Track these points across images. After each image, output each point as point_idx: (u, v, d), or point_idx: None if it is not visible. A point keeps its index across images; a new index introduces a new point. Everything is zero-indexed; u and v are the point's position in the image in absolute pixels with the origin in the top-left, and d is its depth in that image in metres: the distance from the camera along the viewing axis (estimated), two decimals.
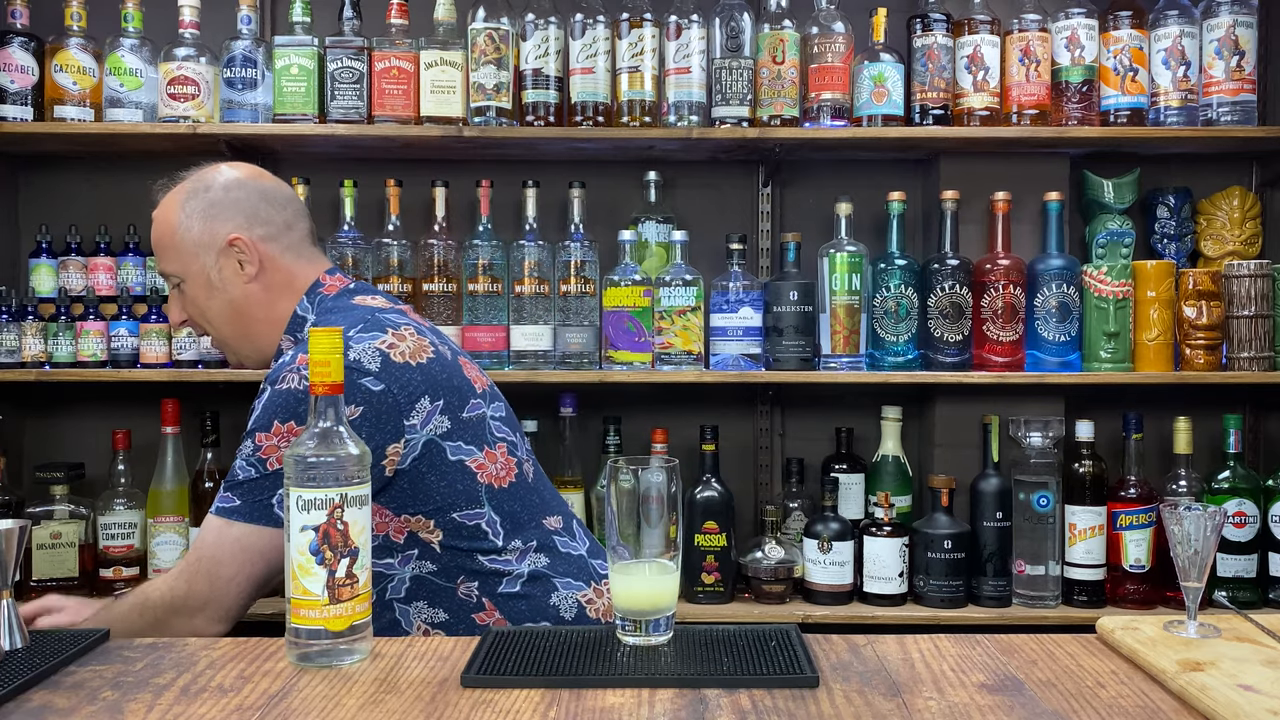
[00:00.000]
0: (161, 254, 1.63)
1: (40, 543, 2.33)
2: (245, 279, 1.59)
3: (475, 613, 1.52)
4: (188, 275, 1.61)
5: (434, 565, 1.50)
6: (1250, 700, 1.00)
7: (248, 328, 1.62)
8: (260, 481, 1.43)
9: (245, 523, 1.43)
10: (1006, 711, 1.03)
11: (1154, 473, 2.48)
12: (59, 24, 2.40)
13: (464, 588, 1.51)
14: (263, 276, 1.59)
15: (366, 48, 2.37)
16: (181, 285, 1.62)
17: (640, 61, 2.37)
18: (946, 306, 2.39)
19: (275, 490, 1.42)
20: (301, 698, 1.06)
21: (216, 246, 1.59)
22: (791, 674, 1.10)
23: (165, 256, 1.63)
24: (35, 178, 2.65)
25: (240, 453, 1.46)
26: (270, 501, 1.42)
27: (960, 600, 2.36)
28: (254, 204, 1.61)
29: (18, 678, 1.08)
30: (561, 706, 1.04)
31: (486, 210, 2.44)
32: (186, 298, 1.63)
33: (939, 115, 2.42)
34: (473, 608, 1.52)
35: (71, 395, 2.62)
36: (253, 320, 1.61)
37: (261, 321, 1.61)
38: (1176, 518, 1.24)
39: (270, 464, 1.43)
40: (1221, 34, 2.40)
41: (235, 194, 1.61)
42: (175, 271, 1.62)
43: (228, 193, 1.61)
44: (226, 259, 1.59)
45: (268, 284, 1.60)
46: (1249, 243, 2.56)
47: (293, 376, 1.44)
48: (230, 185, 1.62)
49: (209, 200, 1.60)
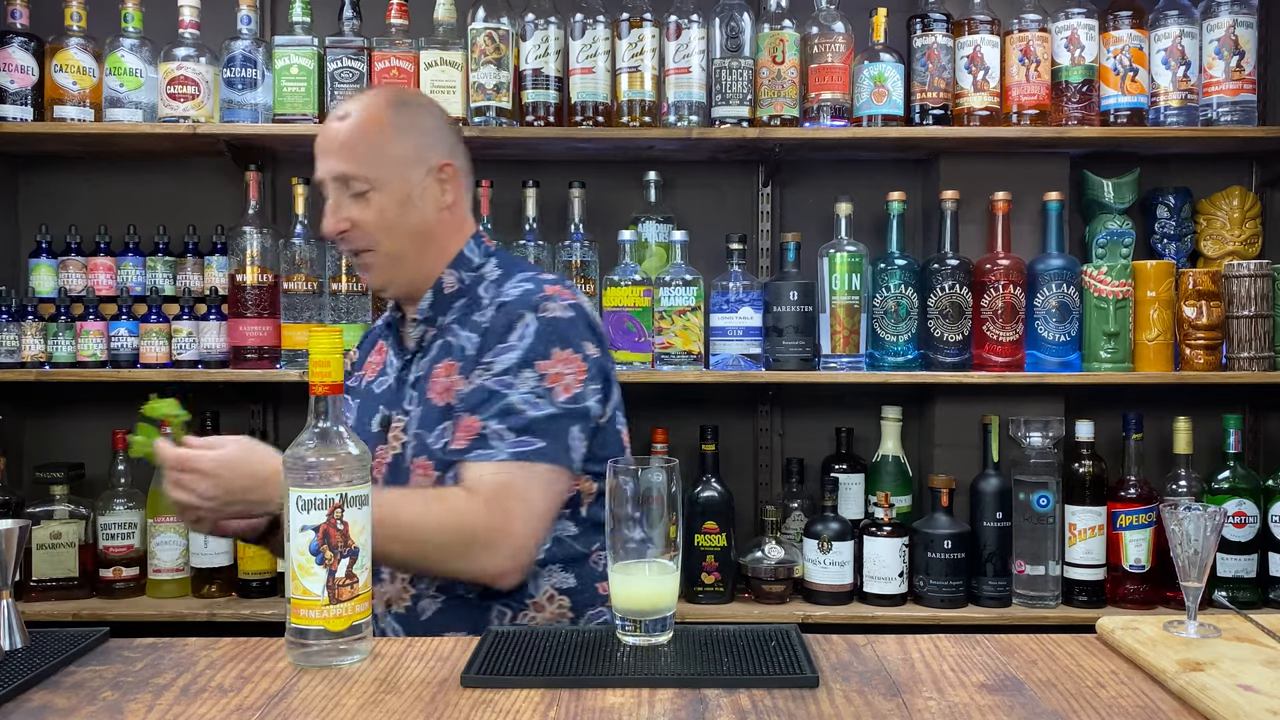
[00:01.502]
0: (351, 154, 1.52)
1: (40, 543, 2.33)
2: (440, 206, 1.57)
3: (599, 582, 1.55)
4: (382, 184, 1.52)
5: (575, 529, 1.53)
6: (1250, 700, 1.00)
7: (423, 252, 1.57)
8: (558, 419, 1.44)
9: (548, 464, 1.43)
10: (1006, 711, 1.03)
11: (1154, 473, 2.48)
12: (59, 24, 2.40)
13: (595, 555, 1.54)
14: (453, 209, 1.59)
15: (366, 48, 2.37)
16: (366, 193, 1.52)
17: (640, 61, 2.37)
18: (946, 306, 2.39)
19: (570, 427, 1.45)
20: (301, 698, 1.06)
21: (427, 165, 1.55)
22: (791, 674, 1.10)
23: (357, 158, 1.52)
24: (35, 178, 2.65)
25: (514, 386, 1.44)
26: (569, 443, 1.44)
27: (960, 600, 2.36)
28: (457, 138, 1.62)
29: (18, 678, 1.08)
30: (561, 706, 1.04)
31: (486, 210, 2.44)
32: (369, 205, 1.52)
33: (939, 115, 2.42)
34: (598, 576, 1.55)
35: (71, 395, 2.62)
36: (430, 247, 1.57)
37: (436, 251, 1.58)
38: (1176, 518, 1.24)
39: (558, 394, 1.45)
40: (1221, 34, 2.40)
41: (444, 122, 1.61)
42: (366, 176, 1.52)
43: (439, 119, 1.61)
44: (432, 181, 1.56)
45: (452, 217, 1.59)
46: (1249, 243, 2.56)
47: (553, 305, 1.49)
48: (439, 113, 1.63)
49: (425, 119, 1.58)
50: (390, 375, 1.61)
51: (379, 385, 1.62)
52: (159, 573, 2.38)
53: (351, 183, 1.52)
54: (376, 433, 1.57)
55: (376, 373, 1.64)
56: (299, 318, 2.38)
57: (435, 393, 1.51)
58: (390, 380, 1.60)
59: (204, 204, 2.62)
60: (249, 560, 2.37)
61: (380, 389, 1.61)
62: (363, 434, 1.57)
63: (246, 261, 2.39)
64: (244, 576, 2.38)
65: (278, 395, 2.65)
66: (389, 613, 1.53)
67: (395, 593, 1.52)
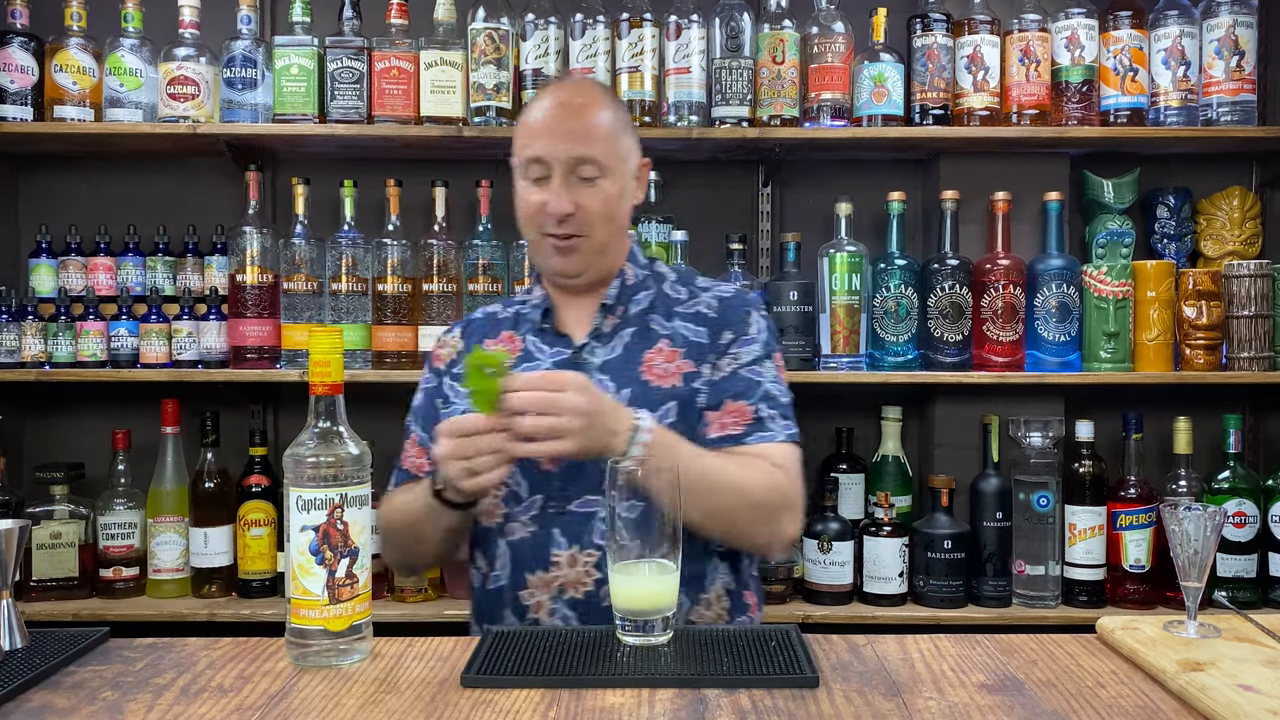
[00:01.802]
0: (589, 139, 1.55)
1: (40, 543, 2.33)
2: (634, 200, 1.64)
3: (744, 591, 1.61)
4: (612, 171, 1.57)
5: None
6: (1250, 700, 1.00)
7: (619, 244, 1.64)
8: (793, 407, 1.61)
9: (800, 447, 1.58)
10: (1006, 711, 1.03)
11: (1154, 473, 2.48)
12: (59, 24, 2.40)
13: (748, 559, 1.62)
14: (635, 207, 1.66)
15: (366, 48, 2.37)
16: (596, 179, 1.55)
17: (640, 61, 2.37)
18: (946, 306, 2.39)
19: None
20: (301, 698, 1.06)
21: (637, 161, 1.63)
22: (791, 674, 1.10)
23: (594, 143, 1.55)
24: (35, 178, 2.65)
25: (763, 376, 1.58)
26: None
27: (960, 600, 2.36)
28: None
29: (18, 678, 1.08)
30: (561, 706, 1.04)
31: (486, 210, 2.44)
32: (597, 192, 1.55)
33: (939, 115, 2.42)
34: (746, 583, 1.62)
35: (71, 395, 2.62)
36: (622, 239, 1.64)
37: (621, 244, 1.64)
38: (1176, 518, 1.24)
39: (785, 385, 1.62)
40: (1221, 34, 2.40)
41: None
42: (602, 161, 1.55)
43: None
44: (637, 176, 1.64)
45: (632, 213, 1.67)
46: (1249, 243, 2.56)
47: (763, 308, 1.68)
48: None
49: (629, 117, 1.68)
50: (545, 361, 1.60)
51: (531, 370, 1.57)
52: (159, 573, 2.38)
53: (584, 167, 1.55)
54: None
55: (516, 358, 1.62)
56: (299, 318, 2.38)
57: (654, 375, 1.56)
58: (547, 365, 1.59)
59: (204, 204, 2.62)
60: (249, 560, 2.37)
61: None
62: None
63: (246, 261, 2.39)
64: (244, 576, 2.38)
65: (278, 395, 2.65)
66: (560, 599, 1.49)
67: (573, 578, 1.49)
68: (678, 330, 1.61)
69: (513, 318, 1.69)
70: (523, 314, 1.68)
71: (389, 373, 2.36)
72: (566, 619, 1.48)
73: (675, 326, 1.61)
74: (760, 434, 1.54)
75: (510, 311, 1.71)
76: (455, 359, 1.67)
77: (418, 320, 2.39)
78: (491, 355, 1.35)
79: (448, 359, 1.69)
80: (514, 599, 1.51)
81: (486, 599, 1.57)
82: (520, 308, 1.70)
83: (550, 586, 1.49)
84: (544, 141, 1.54)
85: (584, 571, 1.48)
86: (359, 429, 1.22)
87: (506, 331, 1.67)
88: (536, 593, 1.50)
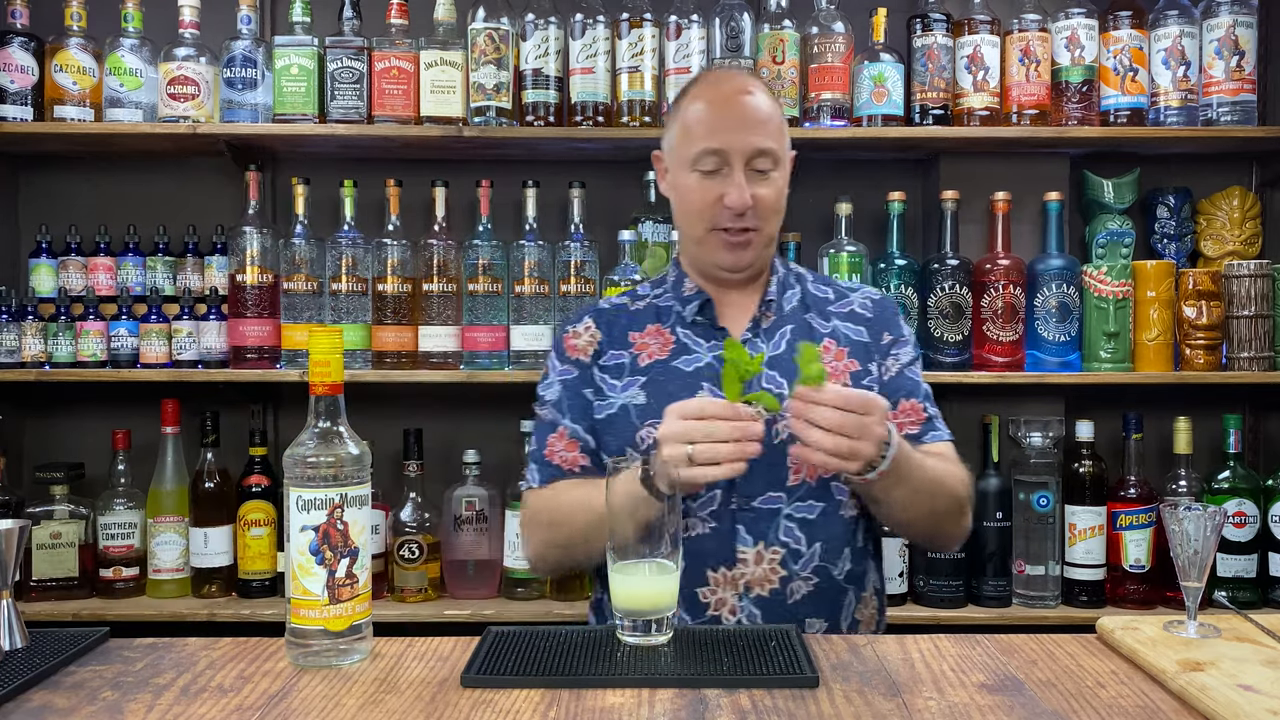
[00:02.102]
0: (766, 129, 1.54)
1: (40, 543, 2.33)
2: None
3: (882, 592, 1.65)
4: (781, 163, 1.57)
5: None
6: (1250, 700, 1.00)
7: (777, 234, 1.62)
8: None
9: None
10: (1006, 711, 1.03)
11: (1154, 473, 2.48)
12: (59, 24, 2.40)
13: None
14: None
15: (366, 48, 2.37)
16: (769, 172, 1.55)
17: (640, 61, 2.37)
18: (946, 306, 2.39)
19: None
20: (301, 698, 1.06)
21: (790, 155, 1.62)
22: (791, 674, 1.10)
23: (771, 134, 1.55)
24: (35, 178, 2.65)
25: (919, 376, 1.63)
26: None
27: (960, 600, 2.36)
28: None
29: (18, 678, 1.08)
30: (561, 706, 1.04)
31: (486, 210, 2.44)
32: (771, 184, 1.55)
33: (939, 115, 2.42)
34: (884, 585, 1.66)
35: (71, 395, 2.62)
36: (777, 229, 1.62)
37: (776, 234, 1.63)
38: (1176, 518, 1.24)
39: None
40: (1221, 34, 2.40)
41: None
42: (777, 153, 1.55)
43: None
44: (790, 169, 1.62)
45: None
46: (1249, 243, 2.56)
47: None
48: None
49: None
50: (703, 354, 1.58)
51: (687, 364, 1.58)
52: (159, 573, 2.38)
53: (760, 159, 1.53)
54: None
55: (670, 352, 1.60)
56: (299, 318, 2.38)
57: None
58: (705, 360, 1.57)
59: (204, 204, 2.62)
60: (249, 560, 2.37)
61: (691, 368, 1.58)
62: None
63: (246, 261, 2.39)
64: (244, 576, 2.38)
65: (278, 395, 2.65)
66: (746, 597, 1.49)
67: (759, 575, 1.48)
68: (838, 329, 1.62)
69: (651, 310, 1.65)
70: (663, 307, 1.64)
71: (389, 373, 2.36)
72: (753, 617, 1.48)
73: (834, 325, 1.62)
74: (933, 433, 1.60)
75: (643, 304, 1.67)
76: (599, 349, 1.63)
77: (417, 320, 2.39)
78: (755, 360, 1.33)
79: (588, 350, 1.63)
80: (690, 595, 1.49)
81: None
82: (655, 300, 1.66)
83: (737, 584, 1.48)
84: (724, 133, 1.52)
85: (770, 569, 1.48)
86: (359, 429, 1.22)
87: (652, 325, 1.63)
88: (720, 590, 1.48)
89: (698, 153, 1.53)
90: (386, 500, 2.42)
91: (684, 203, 1.58)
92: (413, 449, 2.41)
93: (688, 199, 1.56)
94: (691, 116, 1.56)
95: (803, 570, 1.50)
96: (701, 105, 1.56)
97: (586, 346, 1.64)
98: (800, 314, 1.63)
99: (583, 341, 1.64)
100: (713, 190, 1.53)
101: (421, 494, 2.40)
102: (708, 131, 1.53)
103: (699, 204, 1.54)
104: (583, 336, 1.65)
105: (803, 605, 1.49)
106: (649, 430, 1.52)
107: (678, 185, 1.59)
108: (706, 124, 1.53)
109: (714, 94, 1.56)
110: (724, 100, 1.55)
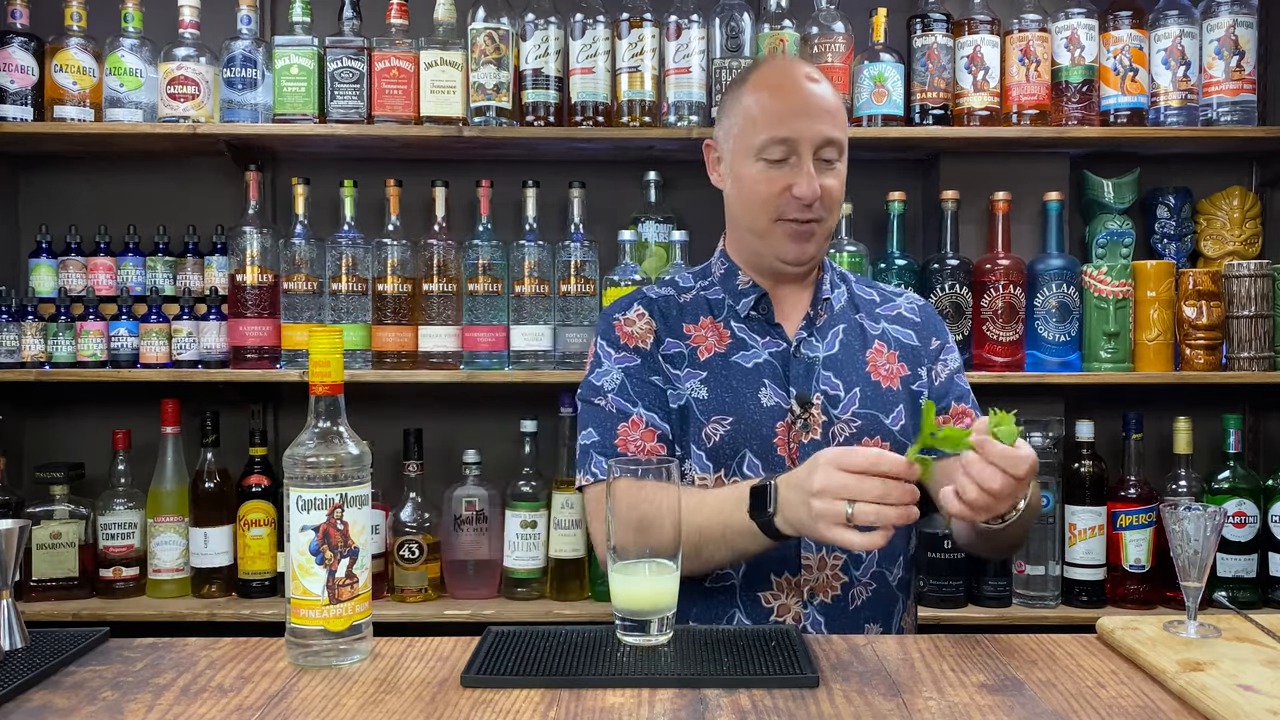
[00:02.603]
0: (834, 119, 1.51)
1: (40, 543, 2.33)
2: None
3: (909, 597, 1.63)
4: (844, 154, 1.54)
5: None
6: (1250, 700, 1.00)
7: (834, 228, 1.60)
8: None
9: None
10: (1006, 711, 1.03)
11: (1154, 473, 2.48)
12: (59, 24, 2.40)
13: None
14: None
15: (366, 48, 2.37)
16: (834, 162, 1.52)
17: (640, 61, 2.37)
18: (946, 306, 2.39)
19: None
20: (301, 698, 1.06)
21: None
22: (791, 674, 1.10)
23: (838, 124, 1.52)
24: (35, 178, 2.65)
25: (965, 380, 1.64)
26: None
27: (960, 600, 2.36)
28: None
29: (18, 678, 1.08)
30: (561, 706, 1.04)
31: (486, 210, 2.44)
32: (835, 175, 1.52)
33: (939, 115, 2.42)
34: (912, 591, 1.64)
35: (71, 395, 2.62)
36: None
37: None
38: (1176, 518, 1.24)
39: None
40: (1221, 34, 2.40)
41: None
42: (842, 143, 1.53)
43: None
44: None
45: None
46: (1249, 243, 2.56)
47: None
48: None
49: None
50: (760, 350, 1.55)
51: (748, 360, 1.55)
52: (159, 573, 2.38)
53: (828, 149, 1.50)
54: (780, 408, 1.52)
55: (727, 345, 1.56)
56: (299, 318, 2.38)
57: (880, 376, 1.56)
58: (763, 356, 1.55)
59: (204, 204, 2.62)
60: (249, 560, 2.37)
61: (751, 363, 1.54)
62: (749, 405, 1.51)
63: (246, 261, 2.39)
64: (244, 576, 2.38)
65: (278, 395, 2.65)
66: (809, 605, 1.47)
67: (821, 581, 1.47)
68: (887, 331, 1.61)
69: (702, 303, 1.60)
70: (713, 299, 1.60)
71: (389, 373, 2.36)
72: (817, 624, 1.46)
73: (884, 328, 1.61)
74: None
75: (690, 295, 1.62)
76: (658, 337, 1.57)
77: (417, 320, 2.39)
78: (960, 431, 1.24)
79: (646, 337, 1.57)
80: (750, 599, 1.48)
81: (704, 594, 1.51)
82: (704, 292, 1.61)
83: (800, 590, 1.47)
84: (793, 121, 1.47)
85: (832, 575, 1.47)
86: (359, 429, 1.22)
87: (705, 317, 1.58)
88: (782, 595, 1.47)
89: (764, 141, 1.48)
90: (386, 500, 2.42)
91: (747, 193, 1.52)
92: (413, 449, 2.41)
93: (752, 189, 1.51)
94: (756, 105, 1.50)
95: (863, 576, 1.49)
96: (767, 93, 1.51)
97: (644, 334, 1.57)
98: (850, 314, 1.61)
99: (638, 329, 1.57)
100: (779, 180, 1.49)
101: (421, 494, 2.40)
102: (775, 120, 1.48)
103: (765, 194, 1.50)
104: (637, 324, 1.58)
105: (863, 610, 1.49)
106: (714, 426, 1.50)
107: (738, 175, 1.54)
108: (773, 112, 1.48)
109: (781, 81, 1.51)
110: (792, 88, 1.50)
